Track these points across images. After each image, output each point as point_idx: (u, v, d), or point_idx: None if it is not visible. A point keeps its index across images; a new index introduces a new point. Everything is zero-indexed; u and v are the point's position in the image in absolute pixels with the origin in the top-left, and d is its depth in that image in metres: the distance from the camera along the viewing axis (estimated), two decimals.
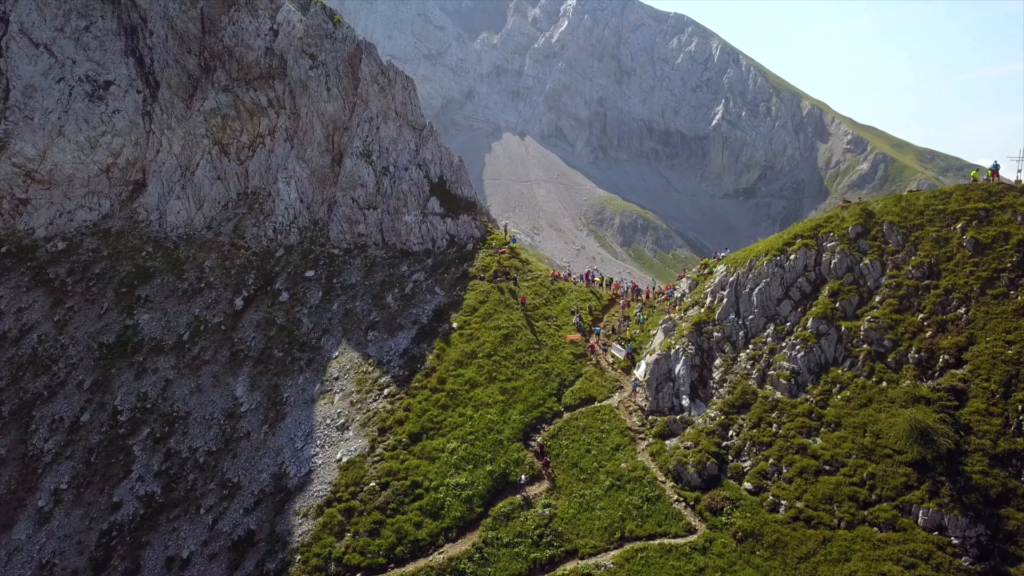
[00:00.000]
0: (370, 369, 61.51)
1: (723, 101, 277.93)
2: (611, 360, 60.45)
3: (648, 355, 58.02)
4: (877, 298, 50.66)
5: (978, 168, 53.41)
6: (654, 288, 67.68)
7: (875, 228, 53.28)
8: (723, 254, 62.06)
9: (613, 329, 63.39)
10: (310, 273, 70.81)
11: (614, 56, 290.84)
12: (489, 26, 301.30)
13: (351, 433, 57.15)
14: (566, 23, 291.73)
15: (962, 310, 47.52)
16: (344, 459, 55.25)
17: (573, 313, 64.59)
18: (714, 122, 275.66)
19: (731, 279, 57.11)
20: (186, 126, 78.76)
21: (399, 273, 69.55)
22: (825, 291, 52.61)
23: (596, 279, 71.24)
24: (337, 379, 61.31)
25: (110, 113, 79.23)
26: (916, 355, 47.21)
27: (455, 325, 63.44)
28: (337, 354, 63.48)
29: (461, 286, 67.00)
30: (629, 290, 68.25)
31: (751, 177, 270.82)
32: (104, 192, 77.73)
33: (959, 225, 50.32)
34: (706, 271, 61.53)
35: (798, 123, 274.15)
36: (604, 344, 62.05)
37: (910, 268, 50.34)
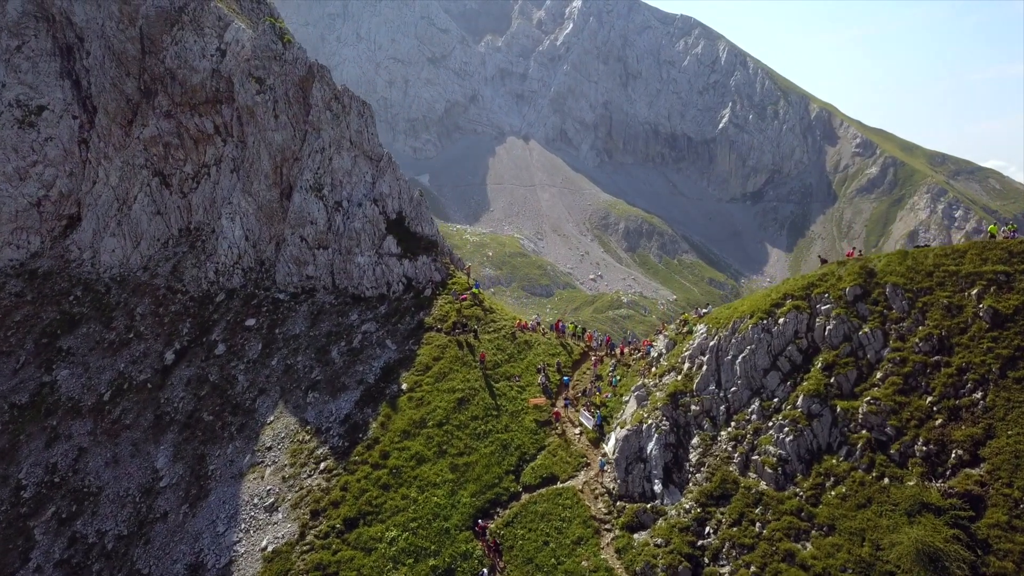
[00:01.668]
0: (307, 438, 54.61)
1: (730, 104, 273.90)
2: (579, 430, 53.40)
3: (618, 427, 50.97)
4: (878, 374, 43.42)
5: (996, 223, 45.45)
6: (629, 344, 60.51)
7: (876, 290, 46.01)
8: (704, 310, 54.96)
9: (583, 391, 56.30)
10: (251, 322, 63.99)
11: (620, 59, 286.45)
12: (493, 29, 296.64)
13: (280, 515, 50.25)
14: (571, 25, 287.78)
15: (978, 394, 40.23)
16: (269, 548, 48.37)
17: (539, 371, 57.58)
18: (721, 125, 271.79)
19: (711, 343, 49.97)
20: (124, 155, 72.11)
21: (348, 323, 62.63)
22: (818, 363, 45.42)
23: (568, 327, 64.11)
24: (270, 449, 54.42)
25: (42, 141, 72.74)
26: (924, 447, 39.95)
27: (404, 387, 56.48)
28: (272, 418, 56.60)
29: (415, 339, 60.03)
30: (603, 343, 61.16)
31: (758, 181, 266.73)
32: (34, 228, 71.22)
33: (975, 291, 43.01)
34: (685, 329, 54.38)
35: (806, 126, 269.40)
36: (567, 398, 55.10)
37: (917, 340, 43.08)
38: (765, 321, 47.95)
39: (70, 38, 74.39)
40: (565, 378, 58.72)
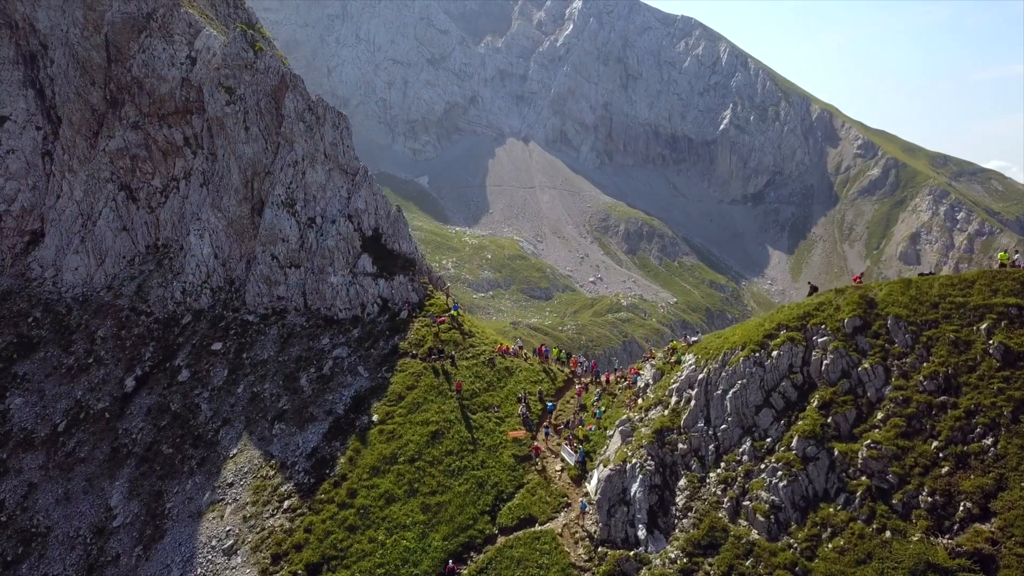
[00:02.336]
0: (271, 473, 51.27)
1: (731, 105, 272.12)
2: (560, 466, 50.02)
3: (601, 465, 47.60)
4: (879, 415, 39.99)
5: (1005, 251, 42.01)
6: (616, 371, 57.08)
7: (877, 322, 42.54)
8: (694, 339, 51.54)
9: (566, 423, 52.89)
10: (217, 346, 60.66)
11: (620, 60, 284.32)
12: (493, 29, 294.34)
13: (239, 559, 46.95)
14: (571, 26, 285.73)
15: (988, 440, 36.81)
16: None
17: (520, 400, 54.19)
18: (722, 126, 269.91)
19: (700, 376, 46.54)
20: (89, 168, 68.82)
21: (319, 347, 59.27)
22: (814, 400, 41.99)
23: (552, 352, 60.70)
24: (232, 485, 51.09)
25: (3, 153, 69.50)
26: (929, 498, 36.52)
27: (375, 418, 53.11)
28: (236, 452, 53.27)
29: (389, 365, 56.65)
30: (588, 369, 57.73)
31: (759, 182, 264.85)
32: None
33: (984, 326, 39.53)
34: (674, 359, 50.92)
35: (807, 127, 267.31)
36: (548, 426, 51.84)
37: (921, 379, 39.62)
38: (758, 354, 44.54)
39: (33, 46, 71.13)
40: (549, 404, 55.42)
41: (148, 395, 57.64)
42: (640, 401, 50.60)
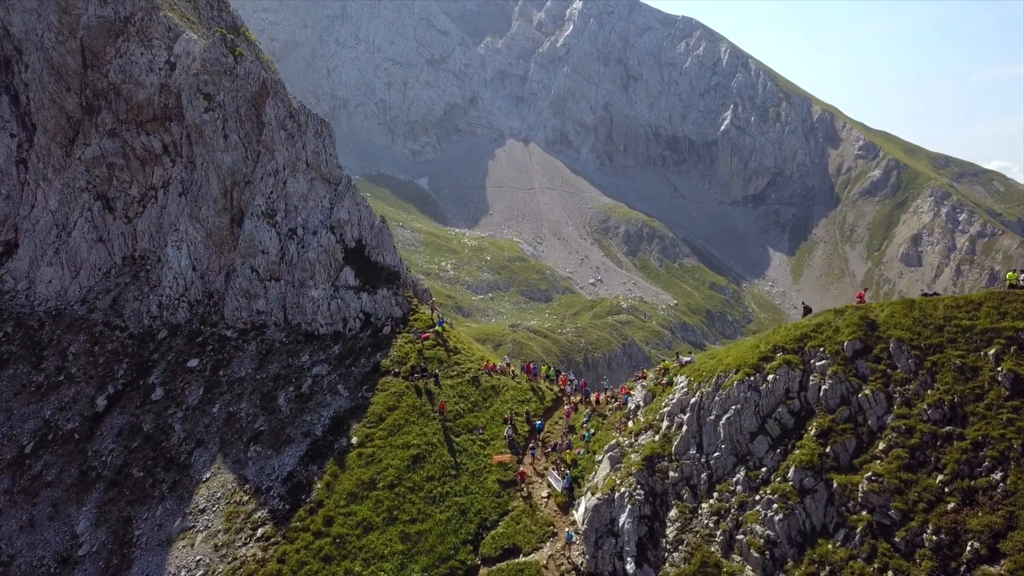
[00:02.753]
0: (245, 499, 49.04)
1: (732, 106, 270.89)
2: (547, 492, 47.77)
3: (589, 493, 45.35)
4: (881, 445, 37.68)
5: (1013, 270, 39.70)
6: (606, 391, 54.74)
7: (879, 345, 40.21)
8: (686, 359, 49.20)
9: (554, 446, 50.61)
10: (194, 363, 58.44)
11: (620, 61, 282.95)
12: (494, 30, 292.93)
13: None
14: (571, 27, 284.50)
15: (997, 475, 34.51)
16: None
17: (506, 421, 51.95)
18: (722, 127, 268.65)
19: (692, 400, 44.25)
20: (64, 177, 66.62)
21: (298, 364, 57.02)
22: (812, 428, 39.69)
23: (541, 369, 58.43)
24: (203, 511, 48.84)
25: None
26: (934, 537, 34.22)
27: (355, 441, 50.86)
28: (209, 475, 51.03)
29: (370, 384, 54.39)
30: (578, 388, 55.41)
31: (760, 184, 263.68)
32: None
33: (992, 351, 37.21)
34: (665, 380, 48.60)
35: (808, 128, 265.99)
36: (534, 447, 49.65)
37: (925, 407, 37.32)
38: (752, 377, 42.25)
39: (7, 50, 68.91)
40: (538, 422, 53.19)
41: (120, 415, 55.42)
42: (630, 424, 48.34)
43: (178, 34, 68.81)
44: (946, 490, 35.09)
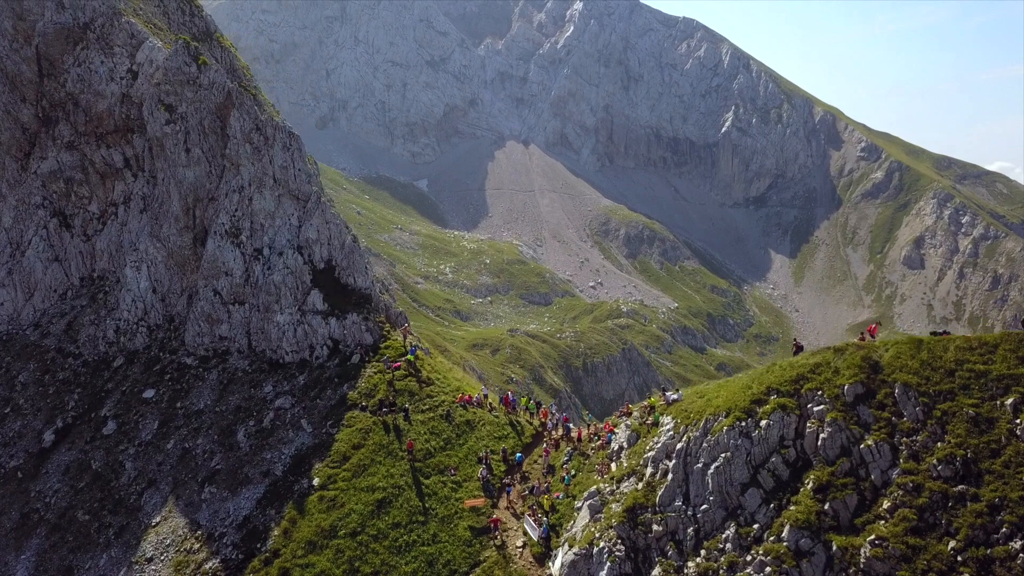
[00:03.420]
0: (196, 546, 45.33)
1: (733, 107, 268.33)
2: (522, 541, 43.99)
3: (567, 545, 41.56)
4: (885, 503, 33.81)
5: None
6: (589, 426, 50.86)
7: (883, 390, 36.32)
8: (673, 396, 45.29)
9: (531, 489, 46.80)
10: (149, 393, 54.75)
11: (621, 62, 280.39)
12: (494, 31, 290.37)
13: None
14: (572, 28, 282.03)
15: (1017, 543, 30.67)
16: None
17: (480, 461, 48.15)
18: (724, 129, 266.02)
19: (679, 445, 40.38)
20: (19, 193, 63.01)
21: (260, 396, 53.30)
22: (809, 482, 35.81)
23: (520, 401, 54.57)
24: (150, 561, 45.15)
25: None
26: None
27: (316, 482, 47.14)
28: (159, 519, 47.32)
29: (335, 419, 50.65)
30: (559, 422, 51.55)
31: (762, 186, 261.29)
32: None
33: (1010, 400, 33.33)
34: (651, 420, 44.70)
35: (810, 130, 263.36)
36: (510, 485, 45.90)
37: (935, 462, 33.46)
38: (744, 423, 38.38)
39: None
40: (518, 455, 49.44)
41: (68, 451, 51.74)
42: (613, 467, 44.50)
43: (141, 41, 65.12)
44: (959, 559, 31.25)
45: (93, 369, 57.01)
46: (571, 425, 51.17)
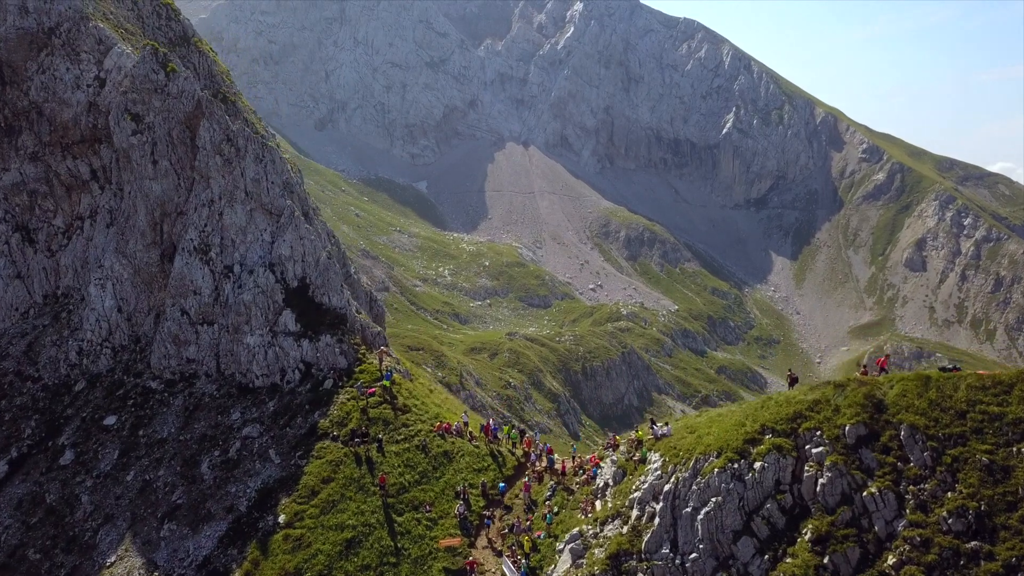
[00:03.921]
0: None
1: (734, 109, 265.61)
2: None
3: None
4: (891, 559, 30.80)
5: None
6: (574, 459, 47.74)
7: (887, 432, 33.30)
8: (661, 430, 42.11)
9: (511, 527, 43.81)
10: (111, 420, 51.86)
11: (621, 63, 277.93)
12: (493, 32, 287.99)
13: None
14: (572, 29, 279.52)
15: None
16: None
17: (458, 496, 45.18)
18: (725, 130, 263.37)
19: (667, 487, 37.35)
20: None
21: (227, 423, 50.39)
22: (807, 531, 32.82)
23: (502, 430, 51.51)
24: None
25: None
26: None
27: (282, 519, 44.21)
28: (114, 559, 44.43)
29: (305, 450, 47.71)
30: (544, 453, 48.53)
31: (763, 187, 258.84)
32: None
33: None
34: (637, 456, 41.62)
35: (811, 131, 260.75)
36: (490, 517, 42.94)
37: (945, 514, 30.45)
38: (736, 464, 35.36)
39: None
40: (501, 484, 46.55)
41: (22, 483, 48.88)
42: (597, 506, 41.52)
43: (109, 47, 62.19)
44: None
45: (53, 394, 54.13)
46: (555, 456, 48.20)
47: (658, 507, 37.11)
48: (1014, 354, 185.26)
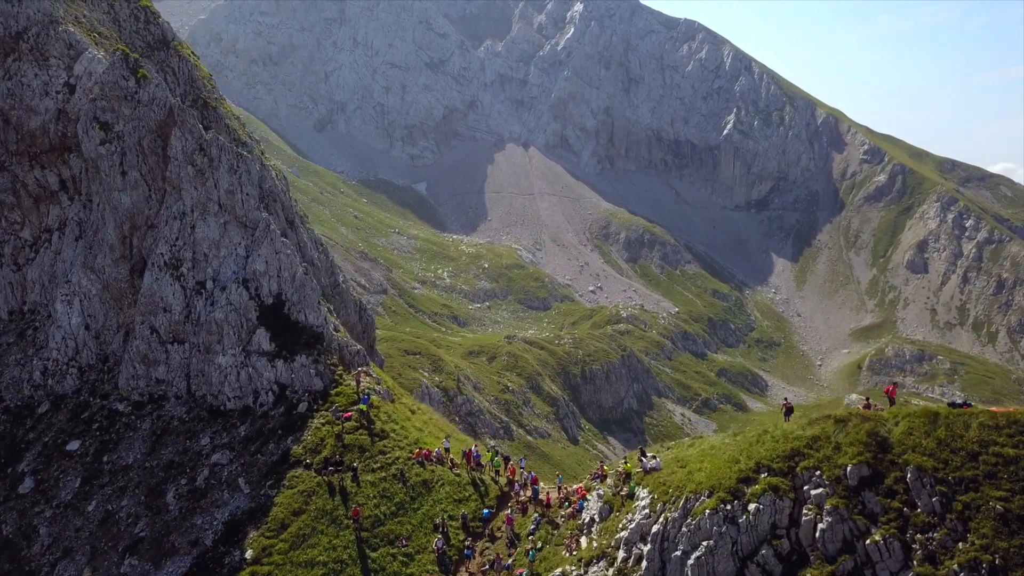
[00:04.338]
0: None
1: (735, 110, 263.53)
2: None
3: None
4: None
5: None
6: (560, 488, 45.04)
7: (892, 474, 30.72)
8: (650, 463, 39.46)
9: (492, 563, 41.25)
10: (74, 445, 49.36)
11: (622, 64, 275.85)
12: (493, 33, 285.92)
13: None
14: (572, 30, 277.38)
15: None
16: None
17: (436, 529, 42.66)
18: (725, 131, 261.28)
19: (655, 528, 34.78)
20: None
21: (196, 449, 47.87)
22: None
23: (485, 456, 48.85)
24: None
25: None
26: None
27: (249, 555, 41.66)
28: None
29: (276, 478, 45.16)
30: (528, 481, 45.93)
31: (763, 188, 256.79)
32: None
33: None
34: (625, 491, 38.94)
35: (812, 132, 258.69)
36: (470, 548, 40.41)
37: (956, 568, 27.87)
38: (729, 505, 32.79)
39: None
40: (486, 511, 44.09)
41: None
42: (583, 542, 38.95)
43: (80, 52, 59.67)
44: None
45: (15, 416, 51.66)
46: (540, 486, 45.61)
47: (646, 549, 34.57)
48: (1016, 357, 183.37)
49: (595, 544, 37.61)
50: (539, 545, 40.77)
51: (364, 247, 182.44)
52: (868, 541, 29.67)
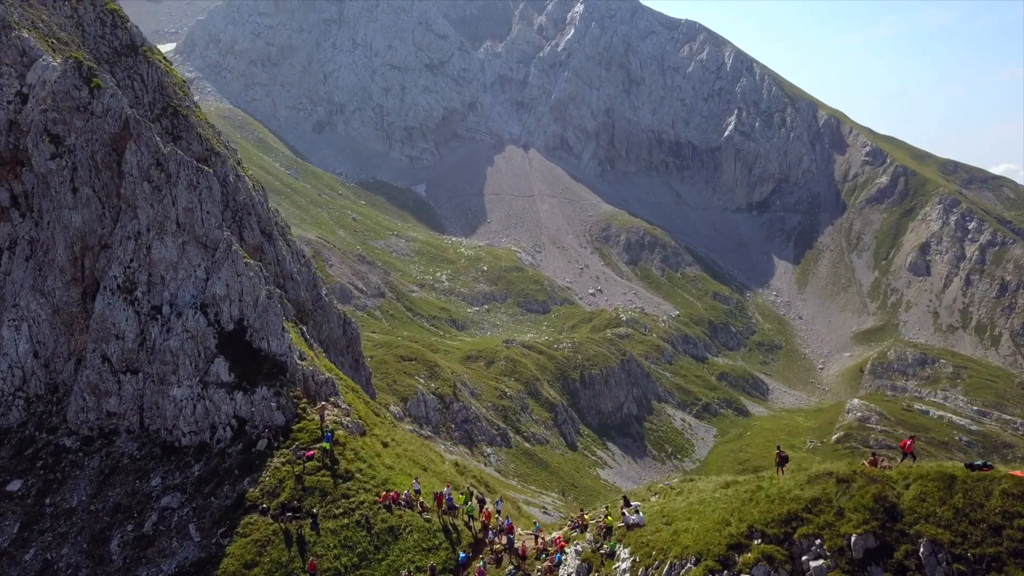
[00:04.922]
0: None
1: (736, 111, 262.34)
2: None
3: None
4: None
5: None
6: (536, 540, 41.35)
7: (903, 546, 27.01)
8: (633, 517, 35.72)
9: None
10: (15, 485, 45.75)
11: (622, 65, 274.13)
12: (493, 34, 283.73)
13: None
14: (573, 31, 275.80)
15: None
16: None
17: None
18: (726, 133, 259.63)
19: None
20: None
21: (146, 491, 44.29)
22: None
23: (458, 500, 45.14)
24: None
25: None
26: None
27: None
28: None
29: (229, 526, 41.54)
30: (504, 529, 42.32)
31: (765, 190, 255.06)
32: None
33: None
34: (605, 549, 35.19)
35: (814, 134, 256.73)
36: None
37: None
38: (720, 575, 29.12)
39: None
40: (462, 554, 40.60)
41: None
42: None
43: (34, 58, 56.06)
44: None
45: None
46: (517, 532, 41.98)
47: None
48: (1019, 360, 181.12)
49: None
50: None
51: (362, 250, 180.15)
52: None
